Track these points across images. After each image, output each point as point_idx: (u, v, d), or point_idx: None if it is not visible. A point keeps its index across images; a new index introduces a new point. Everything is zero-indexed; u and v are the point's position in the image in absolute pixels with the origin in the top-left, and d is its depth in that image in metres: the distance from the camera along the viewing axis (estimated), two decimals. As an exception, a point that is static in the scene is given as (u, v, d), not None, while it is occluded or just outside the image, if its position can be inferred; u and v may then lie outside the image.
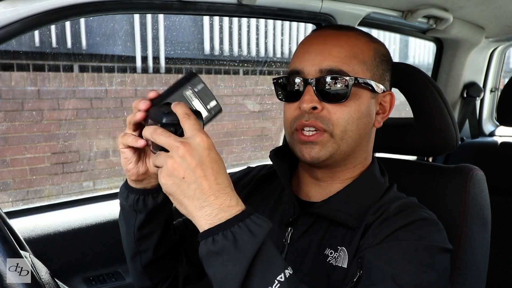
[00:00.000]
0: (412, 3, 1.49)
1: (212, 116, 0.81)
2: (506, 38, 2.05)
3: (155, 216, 0.90)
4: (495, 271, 1.77)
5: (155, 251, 0.95)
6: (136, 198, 0.87)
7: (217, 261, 0.67)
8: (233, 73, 4.78)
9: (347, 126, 0.89)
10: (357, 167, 0.96)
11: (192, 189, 0.68)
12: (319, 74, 0.88)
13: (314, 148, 0.89)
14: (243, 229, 0.67)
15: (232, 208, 0.69)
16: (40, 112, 3.46)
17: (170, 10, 1.21)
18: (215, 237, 0.67)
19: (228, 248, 0.66)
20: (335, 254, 0.87)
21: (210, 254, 0.67)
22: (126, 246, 0.97)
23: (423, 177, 1.15)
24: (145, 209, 0.88)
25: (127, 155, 0.83)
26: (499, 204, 1.83)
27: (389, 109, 0.97)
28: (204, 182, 0.68)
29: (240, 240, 0.66)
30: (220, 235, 0.67)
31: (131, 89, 3.93)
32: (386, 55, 0.96)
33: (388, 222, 0.85)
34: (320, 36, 0.93)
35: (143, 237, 0.92)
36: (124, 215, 0.92)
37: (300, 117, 0.90)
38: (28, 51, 3.53)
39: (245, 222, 0.68)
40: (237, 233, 0.67)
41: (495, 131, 2.37)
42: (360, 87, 0.89)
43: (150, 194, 0.88)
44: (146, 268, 0.98)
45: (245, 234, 0.67)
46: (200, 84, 0.80)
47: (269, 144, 4.77)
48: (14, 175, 3.38)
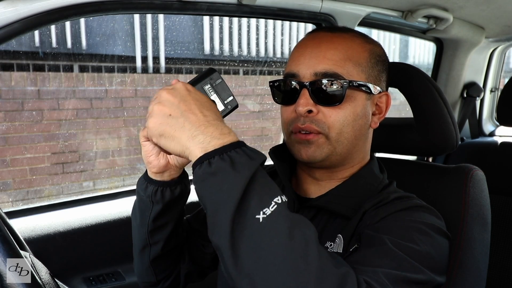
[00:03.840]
0: (412, 3, 1.49)
1: (229, 111, 0.83)
2: (506, 38, 2.05)
3: (170, 208, 0.91)
4: (495, 271, 1.77)
5: (165, 244, 0.96)
6: (155, 189, 0.88)
7: (213, 181, 0.66)
8: (233, 73, 4.78)
9: (342, 129, 0.89)
10: (355, 166, 0.97)
11: (180, 122, 0.71)
12: (314, 77, 0.89)
13: (310, 147, 0.90)
14: (240, 153, 0.68)
15: (225, 136, 0.70)
16: (40, 112, 3.46)
17: (170, 10, 1.21)
18: (211, 160, 0.67)
19: (225, 168, 0.66)
20: (333, 244, 0.88)
21: (206, 175, 0.67)
22: (137, 237, 0.98)
23: (423, 177, 1.15)
24: (163, 200, 0.89)
25: (148, 148, 0.85)
26: (499, 204, 1.83)
27: (386, 109, 0.97)
28: (190, 115, 0.71)
29: (237, 162, 0.66)
30: (217, 158, 0.67)
31: (131, 89, 3.93)
32: (381, 56, 0.96)
33: (385, 207, 0.87)
34: (315, 39, 0.93)
35: (157, 228, 0.93)
36: (140, 206, 0.93)
37: (296, 120, 0.90)
38: (28, 51, 3.53)
39: (241, 148, 0.69)
40: (234, 156, 0.67)
41: (495, 131, 2.37)
42: (355, 89, 0.90)
43: (169, 186, 0.89)
44: (153, 263, 0.99)
45: (242, 157, 0.67)
46: (218, 79, 0.82)
47: (269, 144, 4.77)
48: (14, 175, 3.38)
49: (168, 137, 0.72)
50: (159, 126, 0.72)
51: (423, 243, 0.78)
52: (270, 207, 0.65)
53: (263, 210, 0.64)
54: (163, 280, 1.03)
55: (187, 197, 0.96)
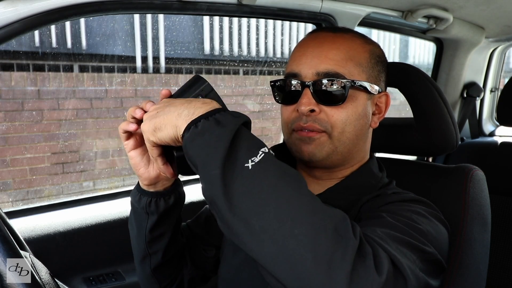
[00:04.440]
0: (412, 3, 1.49)
1: None
2: (506, 38, 2.05)
3: (166, 218, 0.92)
4: (495, 271, 1.77)
5: (164, 253, 0.96)
6: (149, 200, 0.89)
7: (200, 140, 0.68)
8: (233, 73, 4.78)
9: (344, 128, 0.90)
10: (354, 166, 0.97)
11: (166, 110, 0.75)
12: (316, 77, 0.89)
13: (311, 145, 0.90)
14: (223, 114, 0.71)
15: (207, 104, 0.74)
16: (40, 112, 3.46)
17: (170, 10, 1.21)
18: (197, 124, 0.70)
19: (211, 127, 0.69)
20: None
21: (193, 136, 0.69)
22: (136, 248, 0.98)
23: (423, 177, 1.15)
24: (157, 211, 0.89)
25: (136, 161, 0.86)
26: (499, 204, 1.83)
27: (385, 109, 0.98)
28: (174, 102, 0.76)
29: (222, 121, 0.69)
30: (203, 121, 0.70)
31: (131, 89, 3.93)
32: (381, 56, 0.97)
33: (382, 197, 0.88)
34: (317, 38, 0.94)
35: (154, 239, 0.94)
36: (136, 217, 0.93)
37: (298, 120, 0.91)
38: (28, 51, 3.53)
39: (225, 111, 0.72)
40: (219, 117, 0.70)
41: (495, 131, 2.37)
42: (356, 89, 0.90)
43: (162, 197, 0.89)
44: (155, 272, 0.99)
45: (227, 116, 0.71)
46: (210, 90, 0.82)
47: (269, 144, 4.69)
48: (14, 175, 3.38)
49: (159, 127, 0.74)
50: (150, 124, 0.75)
51: (423, 223, 0.78)
52: (258, 156, 0.67)
53: (251, 158, 0.66)
54: (167, 286, 1.03)
55: (182, 204, 0.96)
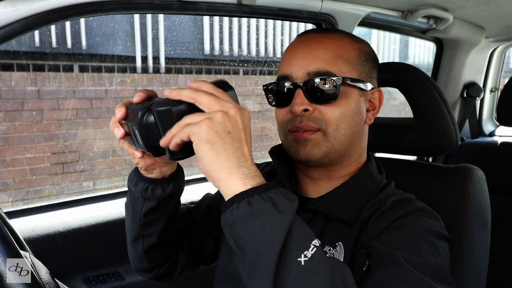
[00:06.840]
0: (412, 3, 1.49)
1: None
2: (506, 38, 2.05)
3: (162, 205, 0.91)
4: (495, 271, 1.77)
5: (159, 236, 0.96)
6: (146, 186, 0.88)
7: (255, 221, 0.64)
8: (233, 73, 4.78)
9: (339, 124, 0.90)
10: (352, 164, 0.97)
11: (235, 146, 0.68)
12: (307, 77, 0.90)
13: (307, 146, 0.90)
14: (279, 194, 0.67)
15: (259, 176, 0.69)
16: (40, 112, 3.46)
17: (170, 10, 1.21)
18: (251, 199, 0.65)
19: (267, 209, 0.64)
20: (333, 250, 0.88)
21: (247, 215, 0.64)
22: (129, 229, 0.98)
23: (423, 177, 1.15)
24: (153, 197, 0.89)
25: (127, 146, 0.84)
26: (499, 204, 1.83)
27: (379, 105, 0.99)
28: (245, 147, 0.70)
29: (278, 203, 0.65)
30: (257, 197, 0.65)
31: (131, 89, 3.93)
32: (370, 53, 0.97)
33: (386, 215, 0.86)
34: (305, 40, 0.95)
35: (148, 223, 0.93)
36: (131, 200, 0.93)
37: (292, 120, 0.91)
38: (28, 51, 3.53)
39: (279, 189, 0.68)
40: (274, 197, 0.66)
41: (495, 131, 2.37)
42: (348, 86, 0.91)
43: (160, 185, 0.88)
44: (147, 252, 0.99)
45: (283, 198, 0.66)
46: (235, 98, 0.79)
47: (269, 144, 4.76)
48: (14, 175, 3.38)
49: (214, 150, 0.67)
50: (214, 135, 0.67)
51: (431, 254, 0.78)
52: (310, 250, 0.64)
53: (304, 253, 0.64)
54: (157, 267, 1.04)
55: (181, 195, 0.95)
